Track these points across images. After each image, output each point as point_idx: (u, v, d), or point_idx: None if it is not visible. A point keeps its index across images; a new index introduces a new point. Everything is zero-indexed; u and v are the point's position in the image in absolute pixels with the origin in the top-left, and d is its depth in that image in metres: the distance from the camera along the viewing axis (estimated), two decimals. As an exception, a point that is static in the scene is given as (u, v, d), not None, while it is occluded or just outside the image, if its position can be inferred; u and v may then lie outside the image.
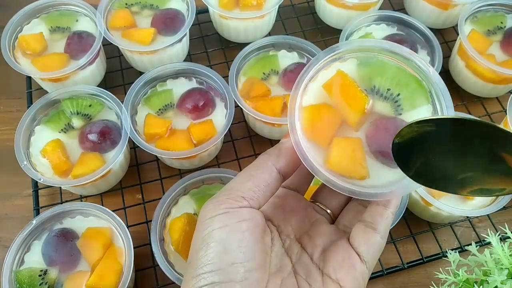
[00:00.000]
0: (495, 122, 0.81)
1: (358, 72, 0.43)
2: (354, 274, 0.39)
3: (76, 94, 0.74)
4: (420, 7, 0.89)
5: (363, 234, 0.40)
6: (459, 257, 0.55)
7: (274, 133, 0.78)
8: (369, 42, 0.43)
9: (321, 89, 0.43)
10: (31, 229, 0.62)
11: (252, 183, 0.40)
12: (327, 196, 0.47)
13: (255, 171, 0.40)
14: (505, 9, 0.83)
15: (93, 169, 0.67)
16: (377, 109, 0.42)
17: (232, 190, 0.39)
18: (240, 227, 0.38)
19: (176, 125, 0.73)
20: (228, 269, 0.36)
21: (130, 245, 0.61)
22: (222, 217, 0.38)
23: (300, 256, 0.42)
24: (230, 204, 0.38)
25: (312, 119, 0.41)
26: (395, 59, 0.42)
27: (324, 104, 0.42)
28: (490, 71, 0.76)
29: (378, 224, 0.40)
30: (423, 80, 0.42)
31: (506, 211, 0.74)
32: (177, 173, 0.76)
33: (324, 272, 0.40)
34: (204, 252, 0.37)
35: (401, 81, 0.42)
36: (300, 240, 0.43)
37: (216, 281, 0.36)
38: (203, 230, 0.38)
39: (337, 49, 0.42)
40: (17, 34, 0.80)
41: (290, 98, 0.42)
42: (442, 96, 0.40)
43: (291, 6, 0.95)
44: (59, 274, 0.60)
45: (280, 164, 0.41)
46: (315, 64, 0.42)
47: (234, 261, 0.36)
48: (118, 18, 0.81)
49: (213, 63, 0.88)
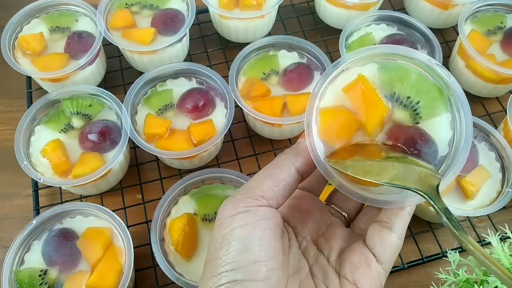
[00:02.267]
0: (495, 122, 0.81)
1: (379, 76, 0.42)
2: (370, 274, 0.39)
3: (76, 94, 0.74)
4: (420, 7, 0.89)
5: (379, 234, 0.40)
6: (459, 257, 0.56)
7: (274, 133, 0.78)
8: (390, 48, 0.42)
9: (340, 92, 0.42)
10: (31, 229, 0.62)
11: (271, 182, 0.39)
12: (342, 199, 0.47)
13: (274, 170, 0.40)
14: (505, 9, 0.83)
15: (93, 169, 0.67)
16: (395, 116, 0.42)
17: (252, 189, 0.39)
18: (261, 225, 0.37)
19: (176, 125, 0.73)
20: (250, 268, 0.36)
21: (130, 245, 0.61)
22: (243, 216, 0.38)
23: (317, 258, 0.42)
24: (249, 203, 0.38)
25: (329, 122, 0.41)
26: (415, 65, 0.41)
27: (342, 107, 0.42)
28: (490, 71, 0.76)
29: (394, 223, 0.40)
30: (443, 88, 0.41)
31: (506, 211, 0.74)
32: (177, 173, 0.76)
33: (341, 274, 0.40)
34: (226, 251, 0.37)
35: (422, 88, 0.41)
36: (317, 242, 0.43)
37: (238, 279, 0.35)
38: (223, 229, 0.38)
39: (362, 53, 0.41)
40: (17, 34, 0.80)
41: (309, 99, 0.41)
42: (462, 106, 0.40)
43: (291, 6, 0.95)
44: (59, 274, 0.60)
45: (298, 163, 0.40)
46: (337, 67, 0.41)
47: (256, 259, 0.36)
48: (118, 18, 0.81)
49: (213, 63, 0.88)
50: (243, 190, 0.40)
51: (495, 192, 0.67)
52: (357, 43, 0.81)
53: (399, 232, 0.40)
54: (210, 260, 0.38)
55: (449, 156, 0.41)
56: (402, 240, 0.40)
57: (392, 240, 0.39)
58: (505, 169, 0.68)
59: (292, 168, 0.40)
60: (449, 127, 0.41)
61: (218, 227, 0.38)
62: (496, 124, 0.81)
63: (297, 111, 0.72)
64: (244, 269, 0.36)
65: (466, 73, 0.82)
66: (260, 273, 0.36)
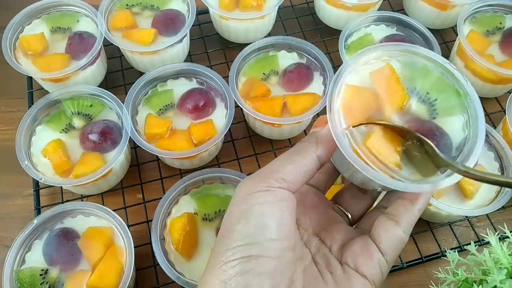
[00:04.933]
0: (494, 122, 0.81)
1: (402, 72, 0.44)
2: (372, 262, 0.39)
3: (77, 94, 0.74)
4: (419, 8, 0.90)
5: (384, 225, 0.40)
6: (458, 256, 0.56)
7: (274, 133, 0.78)
8: (416, 48, 0.44)
9: (367, 75, 0.43)
10: (32, 229, 0.62)
11: (293, 167, 0.39)
12: (348, 199, 0.47)
13: (297, 156, 0.40)
14: (504, 9, 0.84)
15: (94, 169, 0.67)
16: (413, 109, 0.43)
17: (274, 171, 0.39)
18: (280, 205, 0.37)
19: (177, 125, 0.73)
20: (266, 244, 0.36)
21: (130, 244, 0.61)
22: (263, 194, 0.37)
23: (319, 248, 0.42)
24: (270, 183, 0.38)
25: (352, 98, 0.42)
26: (438, 67, 0.44)
27: (366, 88, 0.43)
28: (489, 71, 0.77)
29: (401, 217, 0.39)
30: (461, 91, 0.43)
31: (505, 210, 0.74)
32: (178, 172, 0.76)
33: (343, 262, 0.40)
34: (243, 226, 0.36)
35: (441, 88, 0.43)
36: (319, 234, 0.44)
37: (253, 254, 0.35)
38: (242, 205, 0.38)
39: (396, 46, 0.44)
40: (18, 35, 0.80)
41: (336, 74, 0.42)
42: (476, 112, 0.41)
43: (291, 7, 0.96)
44: (60, 273, 0.61)
45: (319, 151, 0.40)
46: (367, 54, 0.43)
47: (273, 237, 0.36)
48: (119, 19, 0.82)
49: (213, 63, 0.88)
50: (263, 171, 0.40)
51: (494, 192, 0.67)
52: (357, 44, 0.82)
53: (405, 226, 0.40)
54: (226, 234, 0.37)
55: (461, 154, 0.42)
56: (408, 235, 0.40)
57: (397, 232, 0.39)
58: (504, 169, 0.69)
59: (313, 155, 0.40)
60: (461, 128, 0.43)
61: (236, 203, 0.38)
62: (495, 124, 0.81)
63: (297, 111, 0.72)
64: (260, 245, 0.36)
65: (465, 74, 0.81)
66: (276, 251, 0.36)
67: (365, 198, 0.48)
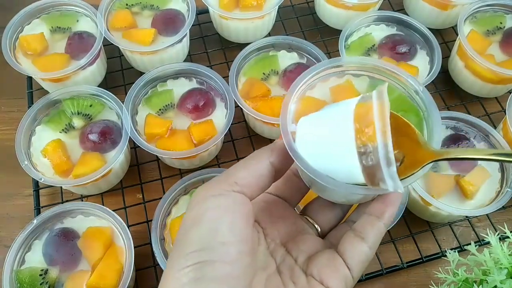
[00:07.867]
0: (494, 122, 0.81)
1: (367, 89, 0.45)
2: (337, 275, 0.38)
3: (76, 94, 0.74)
4: (420, 8, 0.90)
5: (350, 241, 0.40)
6: (459, 256, 0.56)
7: (274, 133, 0.78)
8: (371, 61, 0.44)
9: (327, 90, 0.45)
10: (32, 229, 0.62)
11: (246, 171, 0.40)
12: (317, 211, 0.47)
13: (251, 161, 0.41)
14: (504, 9, 0.84)
15: (93, 169, 0.67)
16: None
17: (228, 176, 0.39)
18: (233, 209, 0.37)
19: (177, 125, 0.73)
20: (219, 249, 0.35)
21: (130, 244, 0.61)
22: (215, 199, 0.37)
23: (284, 258, 0.42)
24: (223, 188, 0.38)
25: (306, 106, 0.43)
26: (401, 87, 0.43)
27: (323, 101, 0.44)
28: (489, 71, 0.77)
29: (367, 233, 0.39)
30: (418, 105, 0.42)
31: (505, 210, 0.74)
32: (178, 172, 0.76)
33: (308, 273, 0.40)
34: (195, 231, 0.36)
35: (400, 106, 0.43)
36: (286, 245, 0.43)
37: (206, 259, 0.35)
38: (195, 211, 0.37)
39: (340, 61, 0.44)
40: (18, 35, 0.80)
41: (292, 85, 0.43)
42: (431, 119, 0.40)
43: (291, 7, 0.95)
44: (59, 273, 0.61)
45: (273, 158, 0.41)
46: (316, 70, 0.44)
47: (225, 240, 0.36)
48: (119, 19, 0.82)
49: (213, 63, 0.88)
50: (219, 177, 0.40)
51: (494, 192, 0.67)
52: (357, 44, 0.82)
53: (371, 242, 0.39)
54: (179, 241, 0.37)
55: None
56: (374, 251, 0.40)
57: (363, 249, 0.39)
58: (504, 169, 0.69)
59: (267, 161, 0.40)
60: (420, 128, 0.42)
61: (190, 209, 0.38)
62: (495, 124, 0.81)
63: (297, 111, 0.72)
64: (213, 250, 0.35)
65: (465, 73, 0.82)
66: (229, 255, 0.35)
67: (333, 209, 0.47)
